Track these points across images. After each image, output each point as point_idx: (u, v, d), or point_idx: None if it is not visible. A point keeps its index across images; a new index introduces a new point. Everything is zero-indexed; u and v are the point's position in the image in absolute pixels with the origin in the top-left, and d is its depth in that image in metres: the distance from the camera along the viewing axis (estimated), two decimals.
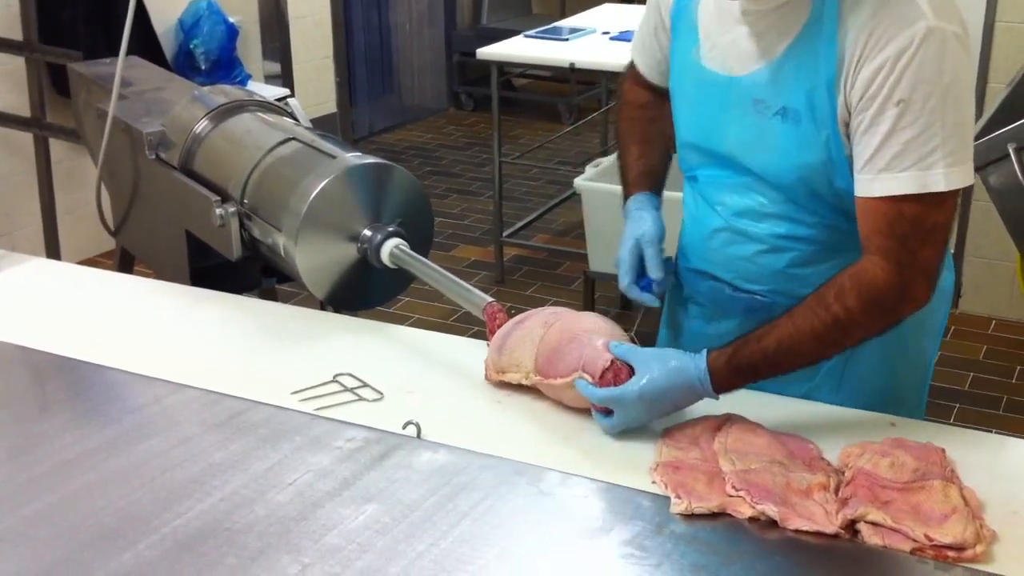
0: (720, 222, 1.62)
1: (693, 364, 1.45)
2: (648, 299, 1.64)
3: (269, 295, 2.40)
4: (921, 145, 1.37)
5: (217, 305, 1.97)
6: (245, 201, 2.05)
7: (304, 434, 1.49)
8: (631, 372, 1.47)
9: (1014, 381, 3.66)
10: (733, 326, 1.65)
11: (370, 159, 1.96)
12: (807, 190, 1.51)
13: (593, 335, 1.54)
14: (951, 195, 1.40)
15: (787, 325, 1.44)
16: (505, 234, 4.53)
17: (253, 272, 2.30)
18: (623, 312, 4.14)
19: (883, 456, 1.33)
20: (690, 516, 1.28)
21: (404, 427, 1.50)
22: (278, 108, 2.35)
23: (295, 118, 2.36)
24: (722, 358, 1.45)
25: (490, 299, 1.70)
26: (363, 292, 1.99)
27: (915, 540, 1.21)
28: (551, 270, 4.57)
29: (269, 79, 5.28)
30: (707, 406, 1.50)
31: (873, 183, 1.41)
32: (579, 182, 3.79)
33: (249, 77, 5.01)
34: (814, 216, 1.54)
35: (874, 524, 1.24)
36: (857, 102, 1.41)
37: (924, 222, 1.41)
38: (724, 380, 1.45)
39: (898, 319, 1.45)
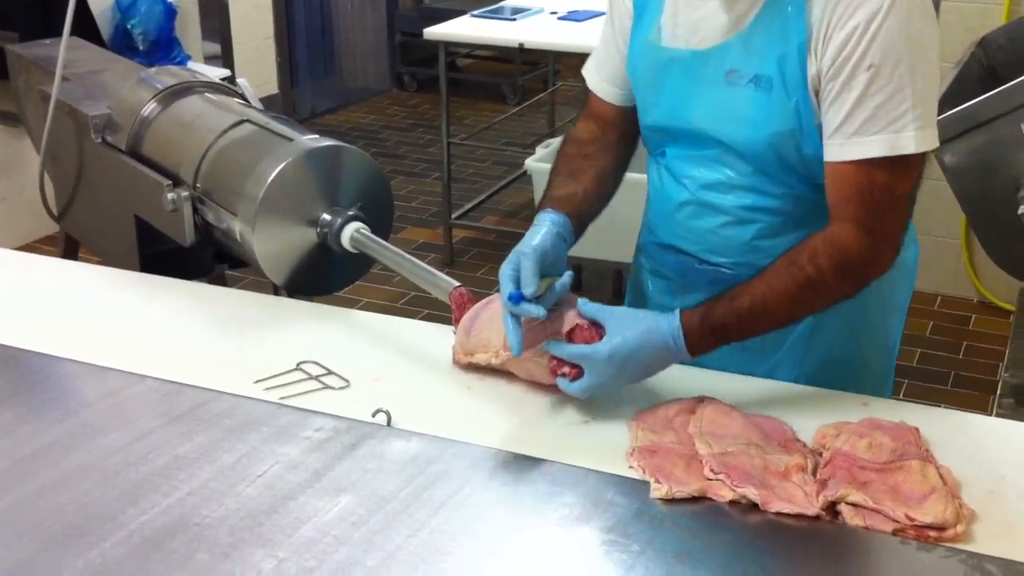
0: (687, 195, 1.61)
1: (666, 323, 1.44)
2: (528, 310, 1.46)
3: (218, 281, 2.35)
4: (892, 109, 1.39)
5: (171, 292, 1.92)
6: (198, 185, 2.00)
7: (271, 424, 1.45)
8: (602, 335, 1.45)
9: (960, 356, 3.72)
10: (699, 299, 1.64)
11: (328, 141, 1.92)
12: (776, 159, 1.51)
13: (560, 306, 1.52)
14: (919, 160, 1.43)
15: (760, 285, 1.45)
16: (454, 216, 4.50)
17: (204, 258, 2.24)
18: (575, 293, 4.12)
19: (860, 437, 1.33)
20: (670, 500, 1.27)
21: (374, 415, 1.46)
22: (228, 89, 2.30)
23: (245, 99, 2.30)
24: (695, 317, 1.44)
25: (457, 284, 1.67)
26: (322, 277, 1.95)
27: (896, 520, 1.21)
28: (500, 252, 4.52)
29: (209, 60, 5.17)
30: (679, 385, 1.49)
31: (844, 147, 1.42)
32: (530, 163, 3.76)
33: (189, 58, 4.91)
34: (781, 187, 1.54)
35: (855, 505, 1.23)
36: (828, 68, 1.42)
37: (893, 188, 1.43)
38: (697, 339, 1.44)
39: (864, 284, 1.48)
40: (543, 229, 1.59)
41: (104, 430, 1.43)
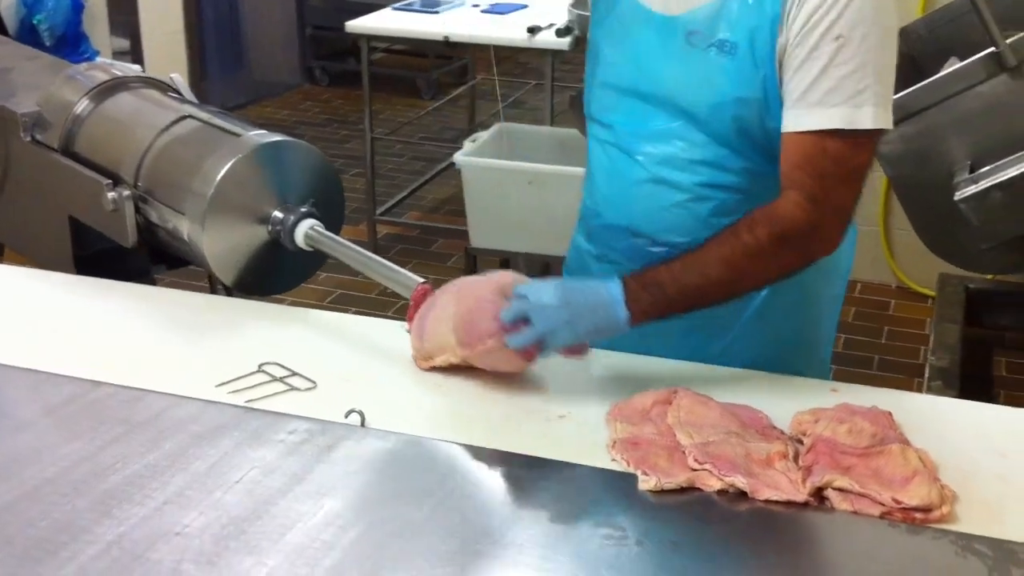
0: (643, 173, 1.60)
1: (604, 279, 1.47)
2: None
3: (151, 283, 2.28)
4: (855, 82, 1.41)
5: (116, 295, 1.85)
6: (139, 184, 1.93)
7: (241, 429, 1.41)
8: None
9: (883, 341, 3.81)
10: None
11: (277, 136, 1.87)
12: (738, 129, 1.51)
13: (503, 289, 1.51)
14: (874, 137, 1.44)
15: (696, 250, 1.47)
16: (379, 212, 4.45)
17: (140, 259, 2.17)
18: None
19: (840, 423, 1.34)
20: (658, 492, 1.27)
21: (347, 416, 1.43)
22: (162, 85, 2.23)
23: (180, 95, 2.24)
24: (631, 277, 1.46)
25: (422, 280, 1.64)
26: (272, 276, 1.91)
27: (883, 504, 1.22)
28: (425, 247, 4.51)
29: (118, 55, 5.04)
30: (648, 377, 1.50)
31: (802, 117, 1.43)
32: (459, 158, 3.74)
33: (97, 53, 4.76)
34: (741, 161, 1.55)
35: (841, 490, 1.25)
36: (795, 36, 1.43)
37: (846, 161, 1.44)
38: (633, 293, 1.44)
39: (807, 258, 1.48)
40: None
41: (66, 439, 1.37)
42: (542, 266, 4.19)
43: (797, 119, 1.44)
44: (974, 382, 3.22)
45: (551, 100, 4.02)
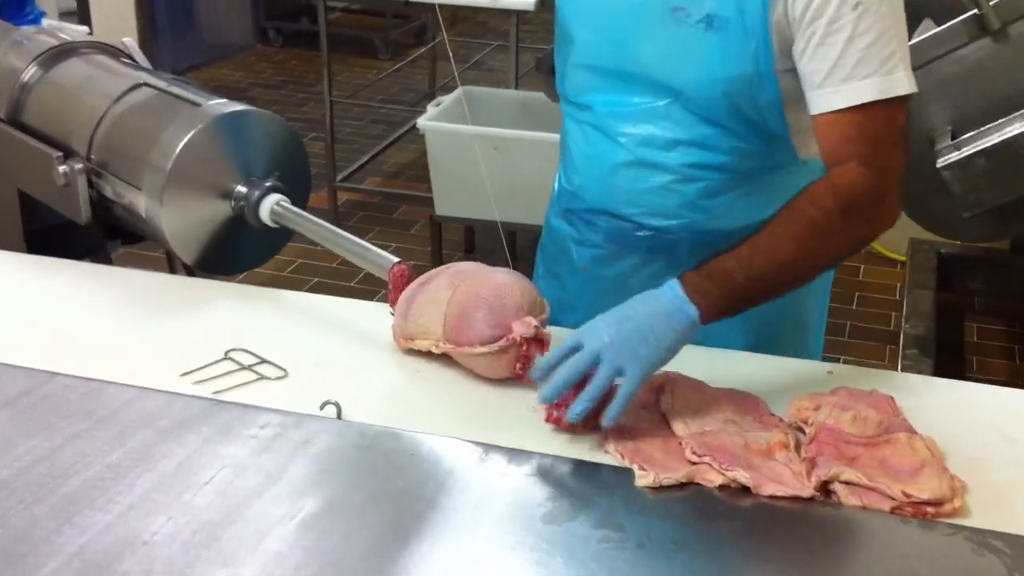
0: (625, 154, 1.52)
1: (656, 288, 1.31)
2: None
3: (105, 259, 2.17)
4: (881, 49, 1.32)
5: (71, 275, 1.75)
6: (92, 157, 1.82)
7: (210, 423, 1.32)
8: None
9: (855, 308, 3.77)
10: (635, 262, 1.58)
11: (239, 106, 1.77)
12: (730, 108, 1.44)
13: (504, 295, 1.42)
14: (908, 99, 1.36)
15: (759, 233, 1.33)
16: (339, 178, 4.34)
17: (94, 234, 2.06)
18: (467, 256, 4.04)
19: (844, 410, 1.28)
20: (657, 488, 1.20)
21: (322, 407, 1.35)
22: (114, 50, 2.11)
23: (133, 60, 2.12)
24: (691, 272, 1.31)
25: (397, 260, 1.55)
26: (236, 254, 1.81)
27: (893, 498, 1.17)
28: (387, 214, 4.40)
29: (64, 16, 4.84)
30: None
31: (835, 96, 1.34)
32: (423, 122, 3.63)
33: (43, 14, 4.54)
34: (730, 140, 1.47)
35: (848, 483, 1.19)
36: (804, 13, 1.34)
37: (894, 123, 1.35)
38: (696, 285, 1.29)
39: (876, 229, 1.36)
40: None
41: (22, 437, 1.28)
42: (508, 234, 4.10)
43: (831, 99, 1.34)
44: (947, 349, 3.20)
45: (516, 62, 3.91)
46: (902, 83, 1.33)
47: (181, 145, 1.68)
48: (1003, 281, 3.39)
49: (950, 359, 3.23)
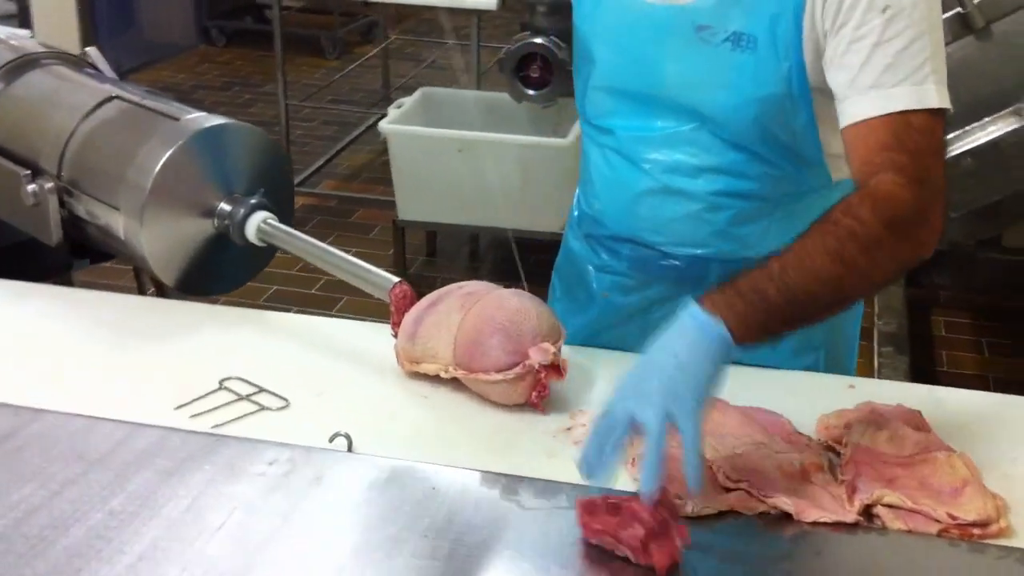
0: (650, 182, 1.45)
1: (678, 315, 1.17)
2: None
3: (67, 279, 2.07)
4: (912, 56, 1.23)
5: (42, 299, 1.67)
6: (62, 175, 1.74)
7: (212, 461, 1.24)
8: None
9: None
10: (661, 291, 1.51)
11: (220, 119, 1.70)
12: (761, 132, 1.36)
13: (519, 320, 1.36)
14: (944, 113, 1.26)
15: (788, 249, 1.19)
16: (296, 182, 4.24)
17: (59, 253, 1.97)
18: (429, 260, 3.97)
19: (879, 429, 1.25)
20: (694, 517, 1.15)
21: (331, 440, 1.28)
22: (78, 61, 2.02)
23: (98, 71, 2.03)
24: (711, 291, 1.17)
25: (397, 280, 1.49)
26: (219, 274, 1.74)
27: (938, 520, 1.13)
28: (345, 218, 4.31)
29: (3, 18, 4.69)
30: None
31: (859, 105, 1.25)
32: (385, 126, 3.55)
33: None
34: (760, 167, 1.40)
35: (891, 506, 1.15)
36: (833, 19, 1.26)
37: (934, 133, 1.25)
38: (723, 303, 1.14)
39: (918, 250, 1.22)
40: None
41: (13, 484, 1.19)
42: (468, 237, 4.04)
43: (855, 108, 1.25)
44: (917, 343, 3.20)
45: (477, 62, 3.85)
46: (933, 95, 1.24)
47: (161, 162, 1.60)
48: (969, 275, 3.40)
49: (921, 354, 3.24)
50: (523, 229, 3.59)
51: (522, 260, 3.98)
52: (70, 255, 1.96)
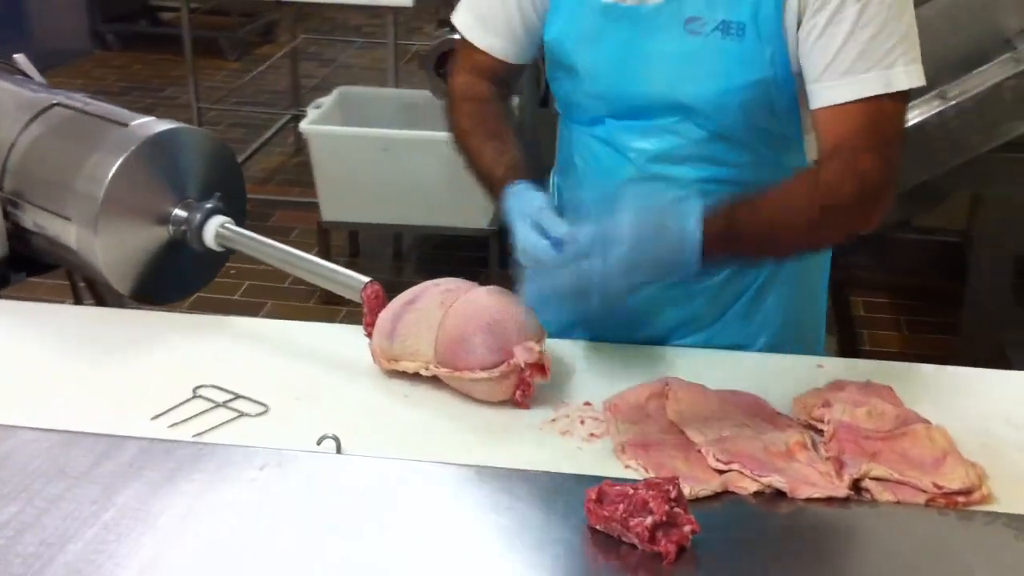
0: (633, 170, 1.48)
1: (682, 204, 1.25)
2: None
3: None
4: (882, 43, 1.32)
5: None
6: (4, 186, 1.68)
7: (202, 469, 1.22)
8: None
9: None
10: None
11: (169, 124, 1.67)
12: (745, 119, 1.41)
13: (503, 318, 1.36)
14: (909, 93, 1.36)
15: (776, 189, 1.34)
16: None
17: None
18: (352, 260, 3.94)
19: (856, 406, 1.29)
20: (692, 500, 1.17)
21: (319, 443, 1.28)
22: (6, 67, 1.96)
23: (28, 77, 1.97)
24: (717, 210, 1.26)
25: (367, 280, 1.48)
26: (173, 281, 1.70)
27: (924, 490, 1.17)
28: (262, 222, 4.23)
29: None
30: (630, 363, 1.43)
31: (834, 90, 1.34)
32: (306, 127, 3.51)
33: None
34: (741, 154, 1.45)
35: (878, 479, 1.19)
36: (810, 6, 1.33)
37: (901, 115, 1.37)
38: (714, 230, 1.23)
39: (868, 222, 1.36)
40: (538, 193, 1.35)
41: None
42: (395, 236, 4.03)
43: (830, 93, 1.34)
44: (840, 324, 3.29)
45: (394, 60, 3.83)
46: (902, 77, 1.33)
47: (114, 170, 1.56)
48: (886, 255, 3.50)
49: (843, 334, 3.33)
50: (449, 226, 3.60)
51: (448, 257, 4.00)
52: (8, 268, 1.91)
